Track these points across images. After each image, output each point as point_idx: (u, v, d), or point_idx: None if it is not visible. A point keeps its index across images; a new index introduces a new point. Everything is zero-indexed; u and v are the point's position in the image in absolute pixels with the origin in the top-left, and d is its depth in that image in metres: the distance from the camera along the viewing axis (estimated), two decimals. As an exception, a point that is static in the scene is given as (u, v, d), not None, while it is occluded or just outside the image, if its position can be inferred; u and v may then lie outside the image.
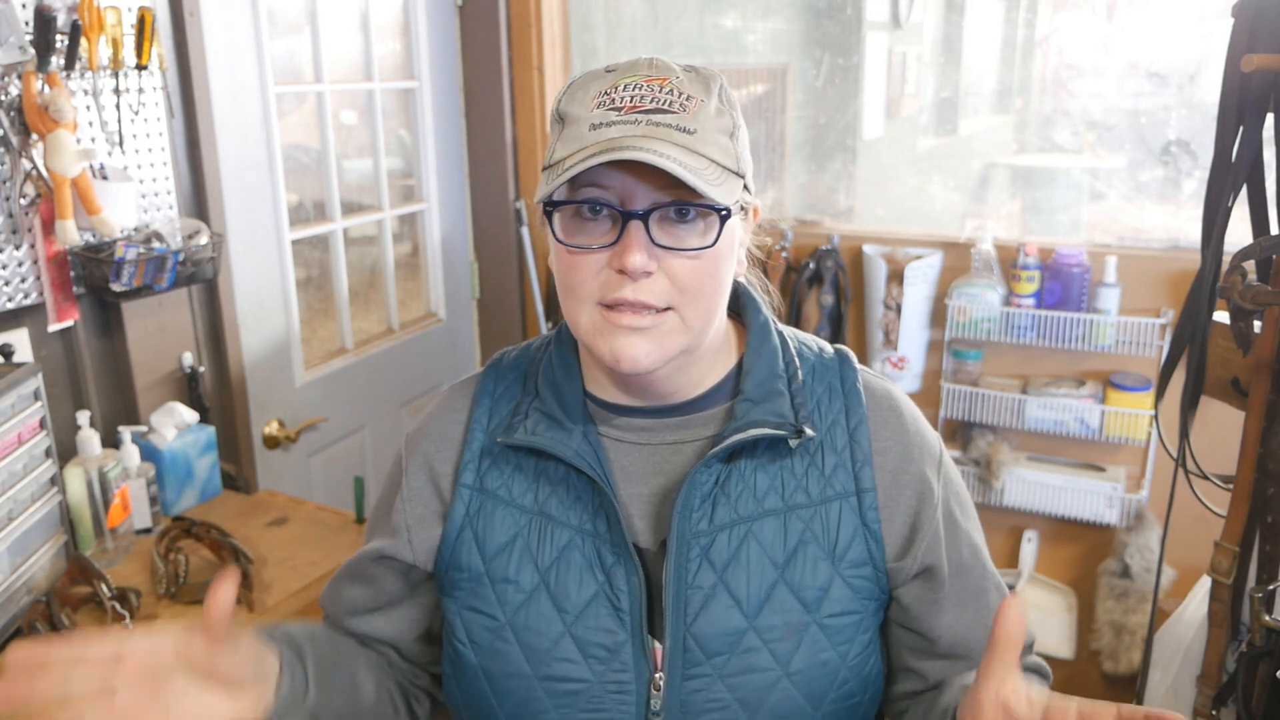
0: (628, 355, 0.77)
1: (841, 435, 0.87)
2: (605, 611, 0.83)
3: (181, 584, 1.51)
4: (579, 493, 0.86)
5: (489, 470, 0.89)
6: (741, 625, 0.82)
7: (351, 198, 2.39)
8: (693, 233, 0.78)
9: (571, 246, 0.78)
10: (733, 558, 0.83)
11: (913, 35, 2.53)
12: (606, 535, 0.84)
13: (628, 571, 0.83)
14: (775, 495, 0.85)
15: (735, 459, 0.85)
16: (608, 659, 0.83)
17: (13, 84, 1.50)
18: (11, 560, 1.39)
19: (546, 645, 0.83)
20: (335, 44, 2.23)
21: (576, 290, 0.79)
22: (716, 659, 0.82)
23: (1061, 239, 2.19)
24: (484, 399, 0.92)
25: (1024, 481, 2.17)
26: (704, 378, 0.88)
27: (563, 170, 0.75)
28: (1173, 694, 1.50)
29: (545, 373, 0.90)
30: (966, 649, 0.91)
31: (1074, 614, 2.26)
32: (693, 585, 0.82)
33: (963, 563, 0.90)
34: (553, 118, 0.82)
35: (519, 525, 0.87)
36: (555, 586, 0.84)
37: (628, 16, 2.64)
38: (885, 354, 2.24)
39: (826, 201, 2.45)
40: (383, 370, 2.42)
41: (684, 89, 0.78)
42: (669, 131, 0.76)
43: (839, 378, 0.90)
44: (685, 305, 0.78)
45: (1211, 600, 1.34)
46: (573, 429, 0.86)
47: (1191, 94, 2.08)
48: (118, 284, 1.61)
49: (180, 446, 1.79)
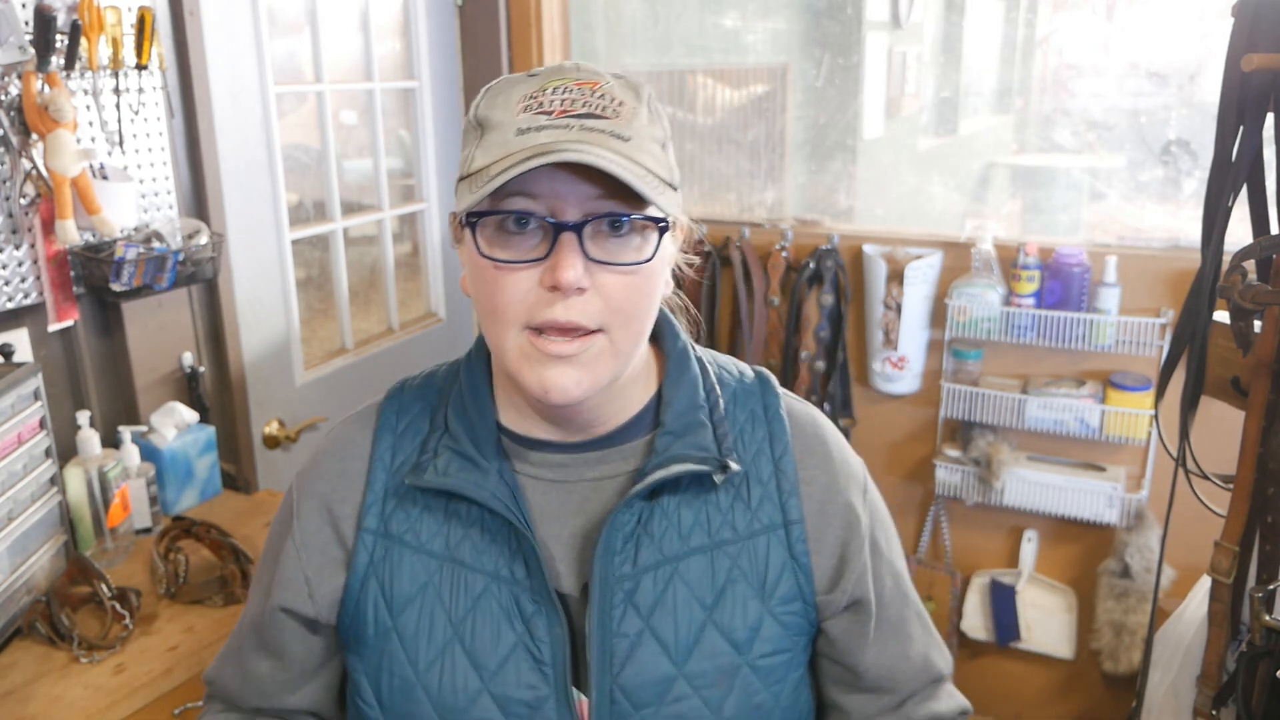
0: (557, 385, 0.72)
1: (766, 465, 0.83)
2: (526, 665, 0.77)
3: (181, 584, 1.51)
4: (494, 536, 0.79)
5: (394, 513, 0.81)
6: (670, 673, 0.77)
7: (351, 197, 2.39)
8: (627, 247, 0.72)
9: (497, 262, 0.71)
10: (659, 601, 0.78)
11: (913, 35, 2.53)
12: (526, 581, 0.78)
13: (549, 621, 0.77)
14: (701, 532, 0.80)
15: (658, 496, 0.80)
16: (529, 715, 0.77)
17: (13, 84, 1.50)
18: (11, 560, 1.39)
19: (463, 705, 0.77)
20: (335, 44, 2.23)
21: (501, 312, 0.72)
22: (645, 710, 0.77)
23: (1061, 239, 2.19)
24: (385, 434, 0.85)
25: (1024, 481, 2.17)
26: (624, 408, 0.82)
27: (488, 178, 0.69)
28: (1173, 694, 1.50)
29: (455, 405, 0.84)
30: (891, 682, 0.88)
31: (1074, 614, 2.26)
32: (618, 633, 0.77)
33: (886, 594, 0.87)
34: (469, 125, 0.76)
35: (429, 573, 0.80)
36: (471, 640, 0.78)
37: (628, 16, 2.64)
38: (885, 354, 2.24)
39: (826, 201, 2.45)
40: (383, 370, 2.42)
41: (615, 94, 0.73)
42: (603, 137, 0.70)
43: (761, 404, 0.86)
44: (616, 327, 0.73)
45: (1211, 600, 1.34)
46: (488, 468, 0.79)
47: (1191, 94, 2.08)
48: (118, 284, 1.61)
49: (180, 446, 1.79)
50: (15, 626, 1.39)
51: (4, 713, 1.24)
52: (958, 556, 2.38)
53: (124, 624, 1.39)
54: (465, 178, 0.73)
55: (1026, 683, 2.38)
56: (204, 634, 1.43)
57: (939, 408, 2.25)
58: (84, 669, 1.33)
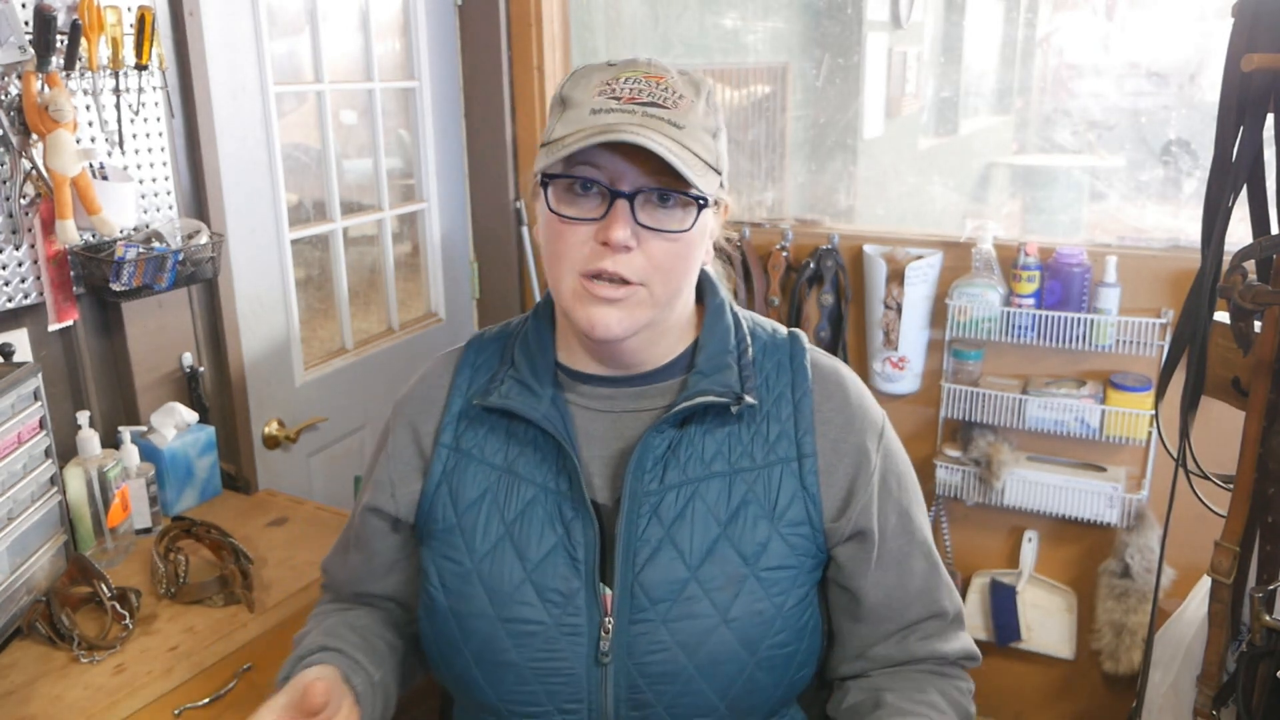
0: (601, 322, 0.86)
1: (786, 406, 0.95)
2: (563, 561, 0.91)
3: (181, 584, 1.51)
4: (545, 453, 0.94)
5: (465, 431, 0.97)
6: (684, 576, 0.90)
7: (351, 197, 2.39)
8: (671, 218, 0.86)
9: (563, 217, 0.86)
10: (679, 515, 0.91)
11: (913, 35, 2.53)
12: (568, 492, 0.92)
13: (585, 525, 0.91)
14: (722, 459, 0.92)
15: (686, 425, 0.93)
16: (563, 603, 0.90)
17: (13, 84, 1.50)
18: (11, 560, 1.39)
19: (508, 590, 0.91)
20: (335, 44, 2.23)
21: (562, 258, 0.87)
22: (660, 605, 0.89)
23: (1062, 239, 2.19)
24: (465, 369, 1.01)
25: (1024, 481, 2.17)
26: (666, 351, 0.96)
27: (562, 146, 0.83)
28: (1173, 694, 1.50)
29: (521, 344, 0.99)
30: (888, 610, 0.97)
31: (1074, 614, 2.26)
32: (641, 539, 0.90)
33: (889, 529, 0.97)
34: (554, 101, 0.90)
35: (489, 481, 0.95)
36: (519, 537, 0.92)
37: (628, 16, 2.64)
38: (885, 354, 2.24)
39: (826, 201, 2.45)
40: (383, 370, 2.42)
41: (677, 88, 0.87)
42: (661, 124, 0.84)
43: (788, 355, 0.98)
44: (656, 282, 0.87)
45: (1212, 600, 1.34)
46: (542, 395, 0.94)
47: (1191, 94, 2.08)
48: (117, 284, 1.61)
49: (180, 446, 1.79)
50: (15, 626, 1.39)
51: (4, 713, 1.24)
52: (958, 556, 2.38)
53: (124, 624, 1.39)
54: (545, 144, 0.87)
55: (1026, 683, 2.38)
56: (204, 634, 1.43)
57: (939, 408, 2.25)
58: (84, 669, 1.33)
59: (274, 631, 1.51)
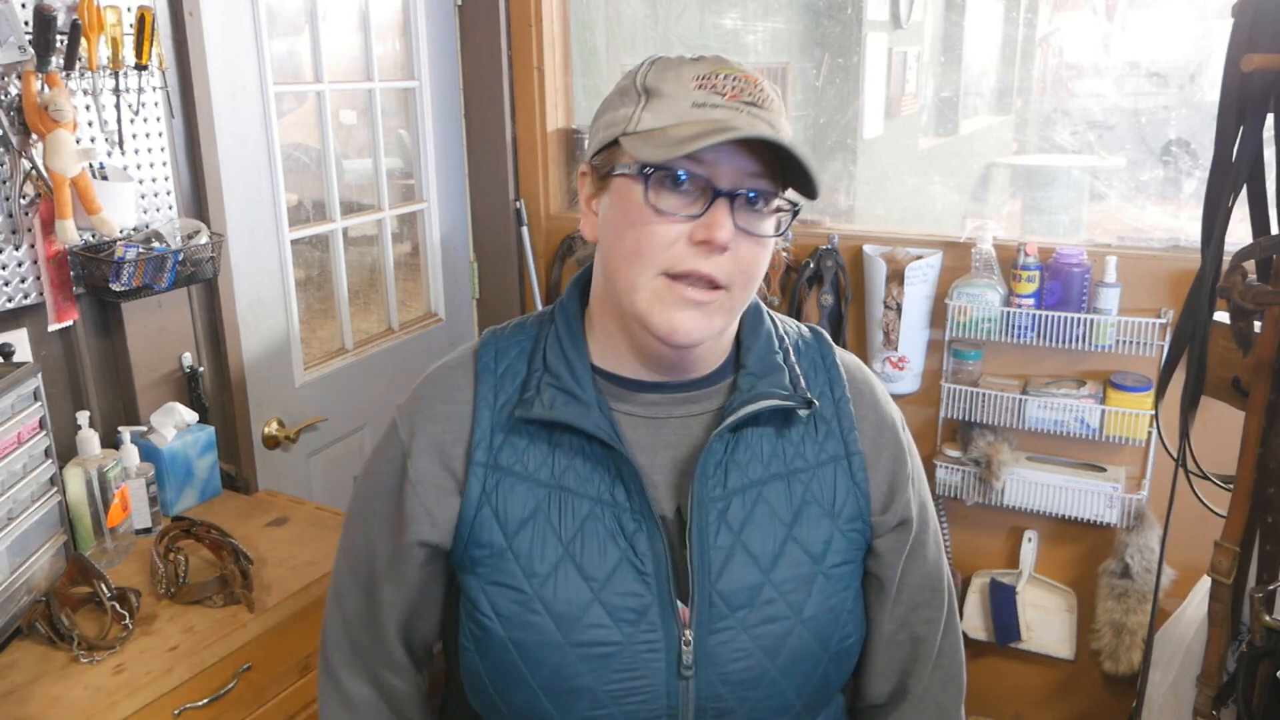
0: (684, 327, 0.83)
1: (828, 406, 0.95)
2: (630, 576, 0.87)
3: (181, 584, 1.51)
4: (595, 464, 0.89)
5: (502, 447, 0.90)
6: (760, 580, 0.89)
7: (351, 197, 2.39)
8: (763, 221, 0.84)
9: (659, 211, 0.81)
10: (747, 519, 0.90)
11: (913, 35, 2.53)
12: (626, 504, 0.88)
13: (650, 536, 0.88)
14: (778, 461, 0.92)
15: (741, 429, 0.91)
16: (636, 620, 0.87)
17: (12, 84, 1.50)
18: (11, 560, 1.39)
19: (576, 613, 0.86)
20: (335, 43, 2.23)
21: (644, 256, 0.82)
22: (740, 612, 0.88)
23: (1061, 239, 2.19)
24: (486, 377, 0.93)
25: (1024, 481, 2.17)
26: (714, 356, 0.94)
27: (674, 140, 0.79)
28: (1173, 694, 1.50)
29: (552, 348, 0.93)
30: (907, 594, 1.00)
31: (1074, 614, 2.26)
32: (714, 546, 0.88)
33: (916, 517, 0.99)
34: (629, 89, 0.86)
35: (538, 499, 0.89)
36: (580, 556, 0.88)
37: (628, 16, 2.64)
38: (885, 354, 2.24)
39: (826, 201, 2.45)
40: (383, 370, 2.42)
41: (768, 92, 0.85)
42: (764, 125, 0.81)
43: (819, 355, 0.99)
44: (738, 287, 0.84)
45: (1212, 600, 1.34)
46: (589, 402, 0.89)
47: (1191, 94, 2.09)
48: (117, 284, 1.61)
49: (180, 446, 1.79)
50: (15, 626, 1.39)
51: (4, 713, 1.24)
52: (958, 557, 2.37)
53: (124, 624, 1.39)
54: (632, 134, 0.83)
55: (1026, 683, 2.38)
56: (204, 634, 1.43)
57: (939, 408, 2.25)
58: (84, 669, 1.33)
59: (274, 631, 1.51)
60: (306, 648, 1.57)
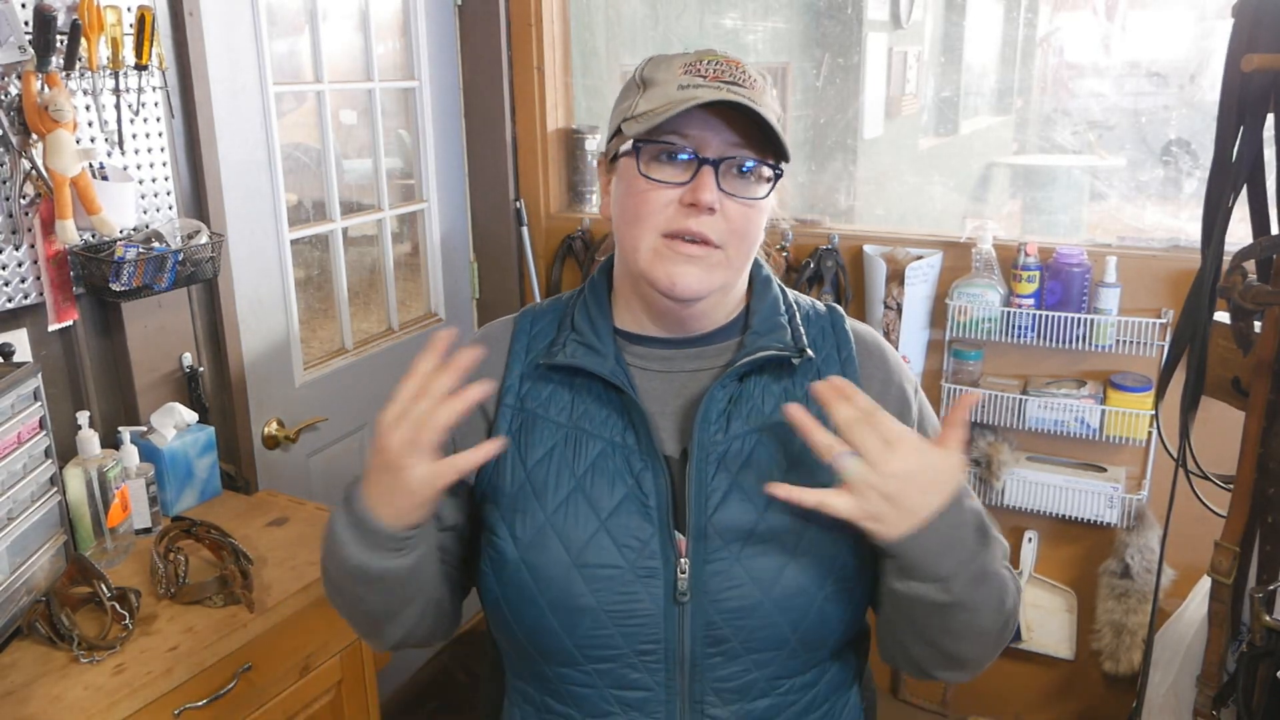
0: (682, 280, 0.92)
1: (834, 366, 1.03)
2: (635, 510, 0.96)
3: (181, 584, 1.51)
4: (610, 409, 0.99)
5: (529, 392, 1.02)
6: (753, 518, 0.95)
7: (351, 197, 2.39)
8: (749, 185, 0.94)
9: (652, 180, 0.92)
10: (744, 462, 0.97)
11: (913, 35, 2.53)
12: (635, 446, 0.97)
13: (655, 475, 0.96)
14: (779, 411, 0.96)
15: (745, 380, 1.00)
16: (639, 548, 0.95)
17: (12, 84, 1.50)
18: (11, 560, 1.39)
19: (584, 538, 0.95)
20: (335, 43, 2.23)
21: (645, 219, 0.93)
22: (733, 545, 0.95)
23: (1062, 239, 2.19)
24: (521, 336, 1.06)
25: (1024, 481, 2.17)
26: (723, 317, 1.03)
27: (656, 116, 0.90)
28: (1173, 694, 1.50)
29: (580, 313, 1.04)
30: None
31: (1074, 614, 2.26)
32: (711, 485, 0.96)
33: None
34: (631, 83, 0.99)
35: (556, 438, 0.99)
36: (590, 489, 0.96)
37: (628, 16, 2.64)
38: (885, 354, 2.24)
39: (826, 201, 2.45)
40: (383, 370, 2.42)
41: (752, 74, 0.95)
42: (735, 99, 0.91)
43: (830, 324, 1.06)
44: (732, 245, 0.94)
45: (1212, 600, 1.34)
46: (606, 354, 1.00)
47: (1191, 94, 2.09)
48: (117, 284, 1.61)
49: (180, 446, 1.79)
50: (15, 626, 1.39)
51: (4, 713, 1.24)
52: (958, 556, 2.37)
53: (124, 624, 1.39)
54: (629, 119, 0.95)
55: (1026, 683, 2.38)
56: (204, 634, 1.43)
57: (939, 408, 2.25)
58: (84, 669, 1.33)
59: (274, 632, 1.51)
60: (307, 648, 1.57)
